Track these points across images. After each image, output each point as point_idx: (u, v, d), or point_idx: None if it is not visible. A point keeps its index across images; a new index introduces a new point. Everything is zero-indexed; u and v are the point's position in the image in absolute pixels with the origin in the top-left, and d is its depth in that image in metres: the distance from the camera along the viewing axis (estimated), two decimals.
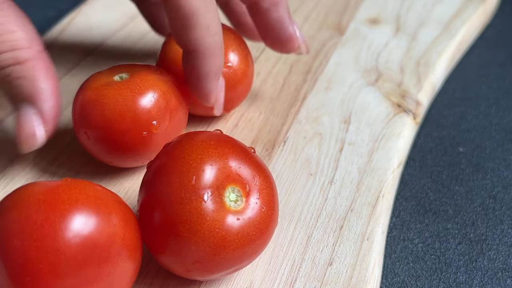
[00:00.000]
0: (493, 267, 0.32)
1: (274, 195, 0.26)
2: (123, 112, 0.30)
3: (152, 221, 0.25)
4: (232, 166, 0.25)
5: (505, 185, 0.37)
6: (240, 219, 0.25)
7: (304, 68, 0.42)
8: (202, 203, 0.24)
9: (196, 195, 0.24)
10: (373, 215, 0.31)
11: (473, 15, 0.48)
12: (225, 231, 0.24)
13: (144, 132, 0.30)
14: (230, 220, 0.24)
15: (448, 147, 0.40)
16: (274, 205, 0.26)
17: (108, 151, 0.31)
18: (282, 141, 0.36)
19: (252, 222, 0.25)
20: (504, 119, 0.42)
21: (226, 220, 0.24)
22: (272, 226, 0.26)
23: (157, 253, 0.25)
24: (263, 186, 0.26)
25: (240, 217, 0.25)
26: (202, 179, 0.24)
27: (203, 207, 0.24)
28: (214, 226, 0.24)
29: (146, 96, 0.30)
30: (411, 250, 0.33)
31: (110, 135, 0.30)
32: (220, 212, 0.24)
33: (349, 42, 0.45)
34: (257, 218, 0.25)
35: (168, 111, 0.31)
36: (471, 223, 0.34)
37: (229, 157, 0.25)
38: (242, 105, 0.39)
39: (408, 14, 0.49)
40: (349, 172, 0.34)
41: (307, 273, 0.28)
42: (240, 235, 0.24)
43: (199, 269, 0.25)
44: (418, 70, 0.42)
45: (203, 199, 0.24)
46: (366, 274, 0.28)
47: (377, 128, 0.37)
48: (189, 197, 0.24)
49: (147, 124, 0.30)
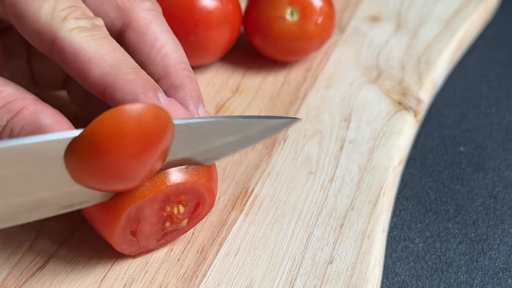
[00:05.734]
0: (494, 266, 0.32)
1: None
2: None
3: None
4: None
5: (506, 184, 0.37)
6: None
7: (304, 66, 0.42)
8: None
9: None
10: (374, 213, 0.31)
11: (474, 12, 0.48)
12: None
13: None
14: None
15: (449, 147, 0.40)
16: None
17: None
18: (283, 139, 0.36)
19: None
20: (505, 118, 0.42)
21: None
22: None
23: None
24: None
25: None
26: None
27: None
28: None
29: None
30: (412, 250, 0.32)
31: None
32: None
33: (350, 39, 0.45)
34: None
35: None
36: (472, 222, 0.34)
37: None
38: (242, 104, 0.39)
39: (409, 12, 0.49)
40: (350, 170, 0.34)
41: (307, 272, 0.28)
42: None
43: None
44: (419, 68, 0.42)
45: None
46: (367, 272, 0.28)
47: (378, 126, 0.37)
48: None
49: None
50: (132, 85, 0.25)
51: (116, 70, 0.25)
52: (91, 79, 0.25)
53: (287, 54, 0.41)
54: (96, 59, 0.25)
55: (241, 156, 0.34)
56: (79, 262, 0.28)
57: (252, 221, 0.31)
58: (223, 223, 0.30)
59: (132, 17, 0.28)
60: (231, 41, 0.40)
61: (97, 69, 0.25)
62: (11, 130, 0.24)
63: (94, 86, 0.26)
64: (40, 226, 0.30)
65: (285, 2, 0.38)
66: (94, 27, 0.26)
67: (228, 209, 0.31)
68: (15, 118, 0.24)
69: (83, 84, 0.26)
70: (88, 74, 0.25)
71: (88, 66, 0.25)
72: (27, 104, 0.25)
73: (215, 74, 0.41)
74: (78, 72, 0.26)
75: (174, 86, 0.28)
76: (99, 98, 0.26)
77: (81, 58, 0.25)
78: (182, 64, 0.29)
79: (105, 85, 0.25)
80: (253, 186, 0.32)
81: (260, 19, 0.39)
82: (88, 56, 0.25)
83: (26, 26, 0.26)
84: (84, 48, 0.25)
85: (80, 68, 0.25)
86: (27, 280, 0.27)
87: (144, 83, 0.25)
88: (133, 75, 0.25)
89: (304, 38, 0.39)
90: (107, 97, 0.26)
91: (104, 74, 0.25)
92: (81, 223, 0.30)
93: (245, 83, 0.40)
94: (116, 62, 0.25)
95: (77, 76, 0.26)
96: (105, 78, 0.25)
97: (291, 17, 0.39)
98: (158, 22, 0.29)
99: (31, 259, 0.28)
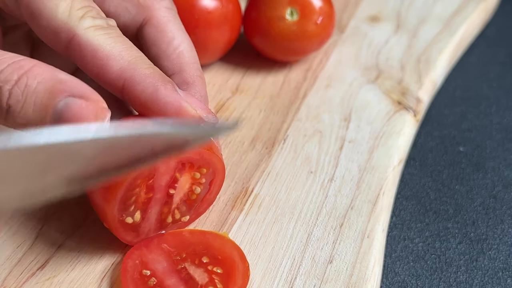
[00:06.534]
0: (494, 266, 0.32)
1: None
2: None
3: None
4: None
5: (505, 184, 0.37)
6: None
7: (304, 66, 0.42)
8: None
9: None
10: (374, 213, 0.31)
11: (474, 12, 0.48)
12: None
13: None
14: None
15: (449, 147, 0.40)
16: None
17: None
18: (282, 139, 0.36)
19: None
20: (505, 118, 0.42)
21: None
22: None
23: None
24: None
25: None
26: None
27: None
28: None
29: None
30: (412, 250, 0.32)
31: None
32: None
33: (349, 39, 0.45)
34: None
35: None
36: (471, 222, 0.34)
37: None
38: (242, 103, 0.39)
39: (409, 11, 0.49)
40: (349, 169, 0.34)
41: (307, 271, 0.28)
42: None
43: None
44: (419, 67, 0.42)
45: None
46: (367, 272, 0.28)
47: (378, 125, 0.37)
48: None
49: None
50: (152, 78, 0.26)
51: (134, 66, 0.26)
52: (110, 75, 0.26)
53: (287, 54, 0.41)
54: (114, 55, 0.26)
55: (241, 156, 0.34)
56: (79, 261, 0.28)
57: (252, 220, 0.31)
58: (223, 223, 0.30)
59: (152, 14, 0.30)
60: (231, 41, 0.40)
61: (116, 65, 0.26)
62: (26, 84, 0.24)
63: (112, 81, 0.27)
64: (40, 226, 0.30)
65: (285, 2, 0.38)
66: (109, 26, 0.27)
67: (228, 208, 0.31)
68: (29, 73, 0.24)
69: (101, 80, 0.27)
70: (107, 70, 0.26)
71: (106, 62, 0.26)
72: (36, 63, 0.25)
73: (215, 74, 0.41)
74: (97, 69, 0.26)
75: (186, 82, 0.30)
76: (116, 94, 0.27)
77: (99, 54, 0.26)
78: (195, 64, 0.31)
79: (124, 80, 0.26)
80: (253, 186, 0.33)
81: (260, 19, 0.39)
82: (107, 53, 0.26)
83: (42, 24, 0.26)
84: (102, 45, 0.26)
85: (99, 64, 0.26)
86: (28, 280, 0.27)
87: (163, 77, 0.27)
88: (151, 69, 0.27)
89: (304, 38, 0.39)
90: (126, 91, 0.27)
91: (123, 69, 0.26)
92: (82, 223, 0.30)
93: (245, 83, 0.40)
94: (133, 58, 0.27)
95: (95, 73, 0.27)
96: (124, 73, 0.26)
97: (291, 17, 0.39)
98: (176, 21, 0.31)
99: (31, 259, 0.28)
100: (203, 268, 0.27)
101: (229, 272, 0.27)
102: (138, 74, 0.26)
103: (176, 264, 0.27)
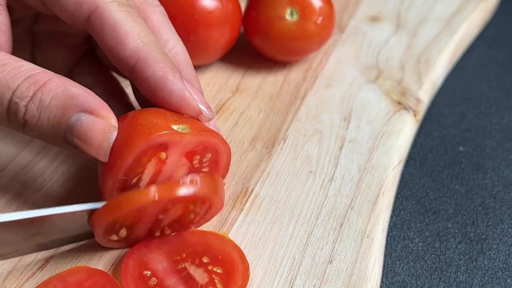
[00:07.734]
0: (493, 266, 0.32)
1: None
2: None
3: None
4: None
5: (505, 184, 0.37)
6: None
7: (304, 66, 0.42)
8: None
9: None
10: (373, 213, 0.31)
11: (474, 12, 0.48)
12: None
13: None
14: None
15: (449, 147, 0.40)
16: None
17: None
18: (282, 139, 0.36)
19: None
20: (504, 118, 0.42)
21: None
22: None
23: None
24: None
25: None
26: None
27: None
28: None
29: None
30: (411, 249, 0.33)
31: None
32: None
33: (349, 39, 0.45)
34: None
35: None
36: (471, 222, 0.34)
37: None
38: (242, 103, 0.39)
39: (409, 11, 0.49)
40: (349, 169, 0.34)
41: (307, 271, 0.28)
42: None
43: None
44: (419, 67, 0.42)
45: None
46: (366, 271, 0.28)
47: (378, 125, 0.37)
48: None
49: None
50: (163, 63, 0.27)
51: (149, 48, 0.27)
52: (125, 52, 0.27)
53: (287, 54, 0.41)
54: (132, 34, 0.27)
55: (241, 156, 0.34)
56: (80, 261, 0.28)
57: (252, 220, 0.31)
58: (223, 223, 0.30)
59: (147, 17, 0.31)
60: (231, 41, 0.40)
61: (132, 43, 0.27)
62: (41, 100, 0.25)
63: (125, 59, 0.27)
64: None
65: (285, 2, 0.38)
66: (129, 4, 0.28)
67: (228, 208, 0.31)
68: (44, 89, 0.25)
69: (114, 56, 0.28)
70: (123, 47, 0.27)
71: (124, 39, 0.27)
72: (51, 76, 0.26)
73: (215, 74, 0.41)
74: (114, 43, 0.27)
75: (184, 80, 0.30)
76: (125, 73, 0.28)
77: (119, 29, 0.27)
78: (190, 64, 0.31)
79: (137, 59, 0.27)
80: (253, 186, 0.33)
81: (260, 19, 0.39)
82: (125, 30, 0.27)
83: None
84: (122, 21, 0.27)
85: (117, 39, 0.27)
86: (28, 280, 0.27)
87: (173, 65, 0.28)
88: (163, 55, 0.28)
89: (304, 38, 0.39)
90: (136, 71, 0.27)
91: (138, 48, 0.27)
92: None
93: (245, 83, 0.40)
94: (149, 41, 0.28)
95: (110, 47, 0.27)
96: (139, 53, 0.27)
97: (291, 17, 0.39)
98: (169, 25, 0.32)
99: (31, 259, 0.28)
100: (203, 268, 0.27)
101: (229, 272, 0.27)
102: (151, 56, 0.27)
103: (176, 264, 0.27)
